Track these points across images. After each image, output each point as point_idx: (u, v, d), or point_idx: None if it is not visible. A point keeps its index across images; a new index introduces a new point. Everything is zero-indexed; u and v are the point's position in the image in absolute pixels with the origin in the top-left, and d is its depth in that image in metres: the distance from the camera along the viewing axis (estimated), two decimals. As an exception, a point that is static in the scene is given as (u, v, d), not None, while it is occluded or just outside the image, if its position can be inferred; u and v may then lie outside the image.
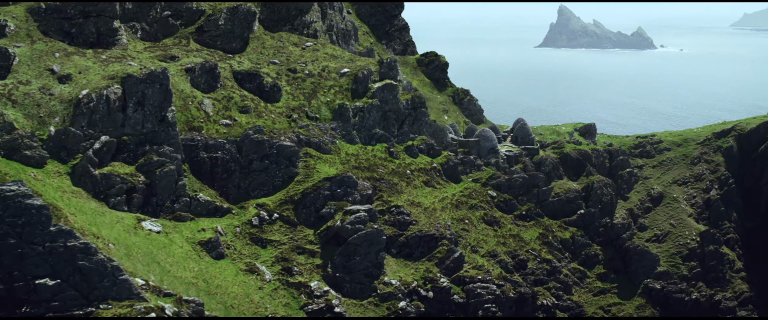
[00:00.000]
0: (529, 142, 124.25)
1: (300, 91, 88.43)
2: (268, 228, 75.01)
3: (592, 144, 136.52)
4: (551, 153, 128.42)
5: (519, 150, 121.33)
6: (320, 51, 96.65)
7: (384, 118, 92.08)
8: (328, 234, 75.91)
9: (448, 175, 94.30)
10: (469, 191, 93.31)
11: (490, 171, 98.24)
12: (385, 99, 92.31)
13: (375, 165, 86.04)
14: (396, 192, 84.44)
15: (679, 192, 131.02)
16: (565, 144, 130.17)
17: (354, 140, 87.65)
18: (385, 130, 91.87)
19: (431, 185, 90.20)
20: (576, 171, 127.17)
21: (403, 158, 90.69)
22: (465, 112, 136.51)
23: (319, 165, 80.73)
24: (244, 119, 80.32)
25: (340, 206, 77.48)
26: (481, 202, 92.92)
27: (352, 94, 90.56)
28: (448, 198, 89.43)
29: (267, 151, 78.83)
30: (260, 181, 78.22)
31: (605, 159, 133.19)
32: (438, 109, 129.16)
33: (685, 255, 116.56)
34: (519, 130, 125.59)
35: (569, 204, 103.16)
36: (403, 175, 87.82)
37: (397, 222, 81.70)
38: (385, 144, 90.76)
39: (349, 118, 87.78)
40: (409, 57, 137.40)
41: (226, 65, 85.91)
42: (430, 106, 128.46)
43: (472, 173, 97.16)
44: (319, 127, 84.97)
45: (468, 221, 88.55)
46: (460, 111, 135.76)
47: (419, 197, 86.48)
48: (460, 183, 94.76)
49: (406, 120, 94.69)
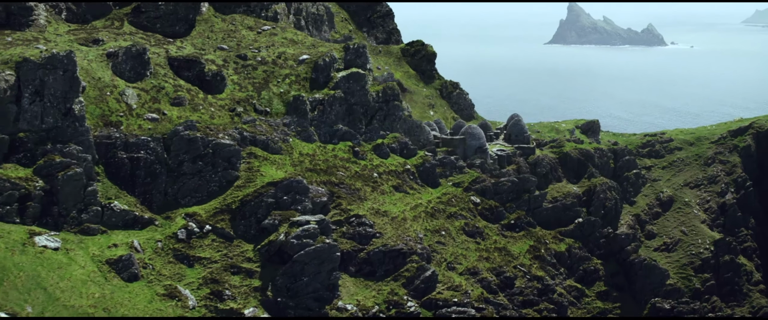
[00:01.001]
0: (524, 140, 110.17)
1: (249, 80, 75.00)
2: (198, 243, 61.70)
3: (595, 142, 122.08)
4: (549, 152, 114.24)
5: (512, 149, 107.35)
6: (278, 35, 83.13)
7: (349, 113, 78.52)
8: (271, 250, 62.59)
9: (424, 179, 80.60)
10: (449, 197, 79.55)
11: (474, 174, 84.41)
12: (351, 90, 78.72)
13: (334, 167, 72.50)
14: (358, 200, 70.85)
15: (691, 196, 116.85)
16: (565, 142, 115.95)
17: (311, 138, 74.13)
18: (350, 127, 78.29)
19: (402, 190, 76.53)
20: (576, 172, 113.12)
21: (370, 159, 77.08)
22: (454, 107, 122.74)
23: (264, 167, 67.33)
24: (176, 113, 67.03)
25: (287, 216, 64.07)
26: (461, 210, 79.13)
27: (311, 84, 77.06)
28: (421, 206, 75.74)
29: (201, 150, 65.53)
30: (192, 187, 64.93)
31: (609, 159, 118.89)
32: (423, 103, 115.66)
33: (697, 266, 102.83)
34: (513, 127, 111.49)
35: (566, 211, 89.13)
36: (368, 179, 74.22)
37: (357, 234, 68.14)
38: (350, 142, 77.23)
39: (306, 112, 74.31)
40: (393, 46, 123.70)
41: (160, 50, 72.64)
42: (414, 99, 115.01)
43: (452, 176, 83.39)
44: (268, 123, 71.54)
45: (445, 232, 74.81)
46: (448, 105, 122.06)
47: (387, 205, 72.84)
48: (438, 187, 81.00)
49: (376, 115, 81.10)
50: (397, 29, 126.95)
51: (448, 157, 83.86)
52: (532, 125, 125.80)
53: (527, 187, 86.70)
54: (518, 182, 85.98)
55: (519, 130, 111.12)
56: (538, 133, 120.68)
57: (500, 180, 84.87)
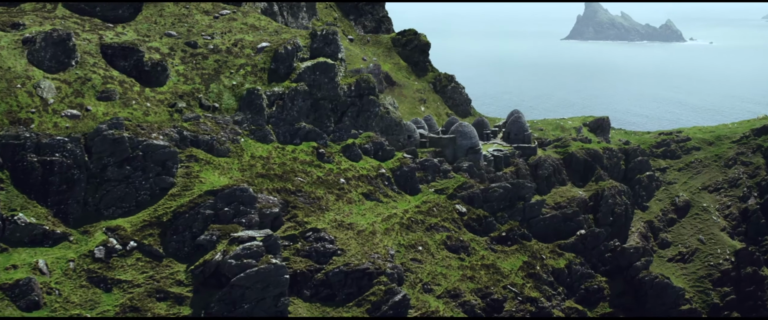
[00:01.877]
0: (525, 139, 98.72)
1: (197, 71, 64.42)
2: (119, 263, 51.32)
3: (605, 142, 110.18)
4: (553, 153, 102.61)
5: (511, 149, 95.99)
6: (238, 21, 72.37)
7: (315, 109, 67.74)
8: (205, 271, 52.10)
9: (401, 185, 69.63)
10: (429, 206, 68.48)
11: (461, 179, 73.20)
12: (318, 83, 67.87)
13: (292, 172, 61.72)
14: (318, 210, 60.00)
15: (710, 201, 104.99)
16: (571, 142, 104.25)
17: (267, 137, 63.44)
18: (316, 125, 67.51)
19: (374, 199, 65.61)
20: (583, 175, 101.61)
21: (337, 162, 66.22)
22: (448, 102, 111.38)
23: (205, 172, 56.74)
24: (103, 109, 56.61)
25: (227, 231, 53.38)
26: (444, 221, 68.03)
27: (270, 76, 66.35)
28: (396, 217, 64.77)
29: (129, 152, 55.11)
30: (117, 195, 54.53)
31: (620, 160, 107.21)
32: (413, 98, 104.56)
33: (716, 278, 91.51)
34: (512, 125, 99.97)
35: (566, 222, 77.61)
36: (333, 186, 63.36)
37: (314, 252, 57.39)
38: (314, 143, 66.42)
39: (262, 108, 63.62)
40: (382, 35, 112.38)
41: (93, 37, 62.20)
42: (403, 94, 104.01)
43: (435, 182, 72.28)
44: (215, 120, 60.93)
45: (422, 248, 63.77)
46: (441, 101, 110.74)
47: (353, 216, 61.94)
48: (417, 195, 69.91)
49: (347, 111, 70.21)
50: (388, 17, 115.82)
51: (431, 160, 72.69)
52: (535, 122, 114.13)
53: (522, 194, 75.24)
54: (511, 188, 74.57)
55: (519, 127, 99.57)
56: (542, 131, 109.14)
57: (490, 187, 73.49)
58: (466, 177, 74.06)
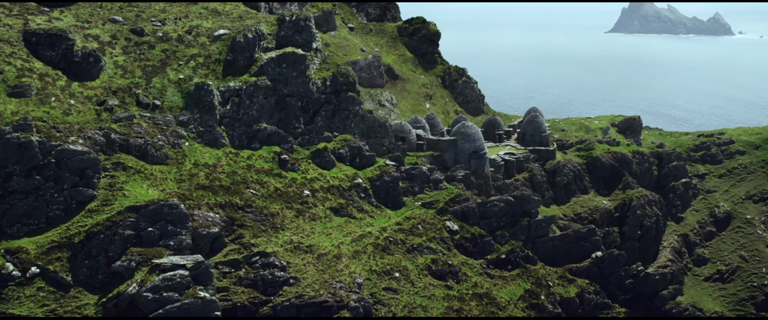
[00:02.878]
0: (542, 141, 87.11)
1: (140, 62, 54.65)
2: (15, 294, 42.18)
3: (635, 144, 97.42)
4: (574, 156, 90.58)
5: (525, 152, 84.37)
6: (197, 5, 62.25)
7: (280, 107, 57.40)
8: (119, 305, 42.48)
9: (381, 197, 58.88)
10: (413, 223, 57.57)
11: (454, 191, 61.94)
12: (284, 77, 57.55)
13: (244, 182, 51.54)
14: (270, 229, 49.73)
15: (755, 212, 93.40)
16: (596, 144, 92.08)
17: (218, 141, 53.40)
18: (281, 126, 57.24)
19: (345, 214, 55.01)
20: (608, 182, 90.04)
21: (304, 170, 55.79)
22: (458, 99, 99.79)
23: (132, 183, 46.97)
24: (12, 107, 47.32)
25: (149, 256, 43.52)
26: (430, 241, 57.04)
27: (226, 68, 56.22)
28: (370, 236, 54.09)
29: (40, 159, 45.54)
30: (23, 211, 45.22)
31: (652, 165, 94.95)
32: (418, 93, 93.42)
33: (760, 301, 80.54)
34: (528, 125, 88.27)
35: (580, 242, 65.70)
36: (294, 199, 52.98)
37: (260, 281, 47.19)
38: (277, 147, 56.06)
39: (213, 107, 53.57)
40: (388, 24, 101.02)
41: (16, 22, 52.87)
42: (407, 89, 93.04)
43: (423, 193, 61.23)
44: (154, 121, 51.07)
45: (400, 274, 52.95)
46: (450, 96, 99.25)
47: (316, 236, 51.49)
48: (400, 209, 59.00)
49: (321, 110, 59.63)
50: (395, 4, 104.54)
51: (419, 168, 61.59)
52: (557, 122, 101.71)
53: (527, 209, 63.54)
54: (514, 202, 62.86)
55: (535, 128, 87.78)
56: (563, 131, 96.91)
57: (489, 201, 61.97)
58: (460, 188, 62.82)
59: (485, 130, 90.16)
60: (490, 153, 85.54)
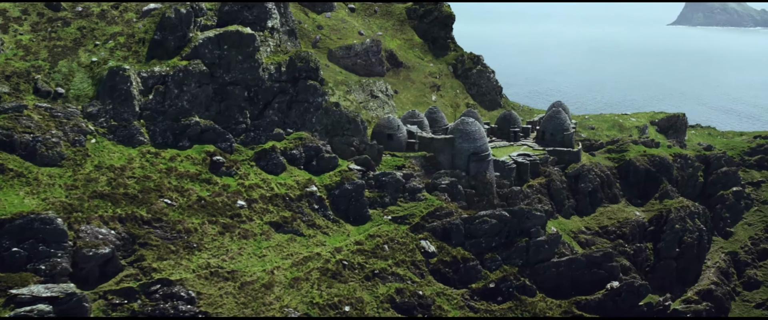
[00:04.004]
0: (564, 140, 74.90)
1: (48, 42, 45.19)
2: None
3: (678, 145, 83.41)
4: (603, 159, 77.76)
5: (543, 153, 72.14)
6: (137, -25, 52.37)
7: (221, 97, 47.20)
8: (-38, 348, 32.99)
9: (341, 210, 47.95)
10: (378, 242, 46.60)
11: (435, 203, 50.37)
12: (226, 61, 47.32)
13: (157, 190, 41.59)
14: (182, 250, 39.67)
15: (821, 229, 78.98)
16: (630, 145, 78.80)
17: (134, 138, 43.71)
18: (221, 120, 47.14)
19: (290, 230, 44.58)
20: (643, 190, 77.73)
21: (243, 175, 45.38)
22: (471, 90, 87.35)
23: (7, 190, 37.56)
24: None
25: (10, 283, 34.08)
26: (397, 265, 45.91)
27: (153, 50, 46.26)
28: (318, 259, 43.49)
29: None
30: None
31: (697, 171, 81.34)
32: (423, 83, 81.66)
33: None
34: (548, 122, 75.93)
35: (592, 269, 53.14)
36: (222, 211, 42.82)
37: (159, 314, 36.99)
38: (212, 146, 45.84)
39: (131, 96, 43.76)
40: (395, 5, 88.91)
41: None
42: (411, 78, 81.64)
43: (396, 205, 49.92)
44: (51, 113, 41.60)
45: (351, 308, 42.13)
46: (463, 87, 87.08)
47: (244, 258, 41.27)
48: (365, 224, 47.96)
49: (273, 101, 49.08)
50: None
51: (392, 175, 50.33)
52: (586, 118, 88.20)
53: (526, 227, 51.32)
54: (510, 218, 50.70)
55: (557, 125, 75.35)
56: (593, 130, 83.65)
57: (478, 216, 50.07)
58: (443, 199, 51.16)
59: (499, 127, 78.08)
60: (501, 153, 73.42)
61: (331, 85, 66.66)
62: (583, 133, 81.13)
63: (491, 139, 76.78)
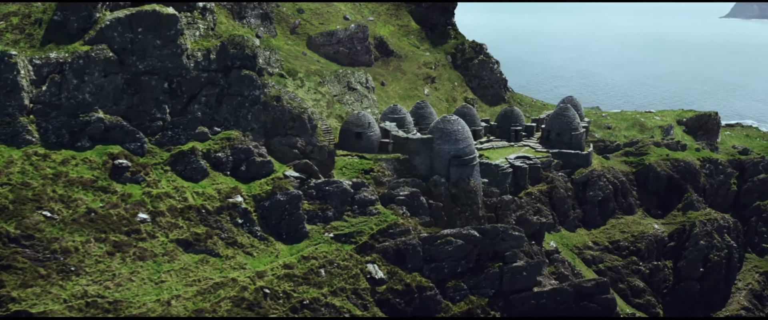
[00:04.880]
0: (573, 141, 65.83)
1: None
2: None
3: (708, 148, 72.89)
4: (618, 163, 68.21)
5: (546, 156, 63.28)
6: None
7: (134, 89, 40.03)
8: None
9: (271, 225, 40.28)
10: (313, 265, 38.98)
11: (389, 218, 42.11)
12: (140, 46, 40.07)
13: (36, 200, 34.82)
14: (56, 274, 33.01)
15: None
16: (650, 147, 68.96)
17: (20, 137, 37.31)
18: (133, 115, 40.05)
19: (202, 249, 37.47)
20: (664, 199, 68.65)
21: (152, 182, 38.25)
22: (472, 83, 78.08)
23: None
24: None
25: None
26: (334, 295, 38.14)
27: (50, 32, 39.31)
28: (233, 286, 36.03)
29: None
30: None
31: (730, 178, 71.32)
32: (416, 74, 72.86)
33: None
34: (554, 120, 66.90)
35: (582, 300, 44.03)
36: (117, 227, 35.89)
37: (9, 359, 30.17)
38: (118, 147, 38.74)
39: (19, 86, 37.26)
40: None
41: None
42: (402, 68, 73.10)
43: (341, 221, 41.91)
44: None
45: (267, 347, 34.31)
46: (462, 79, 77.93)
47: (135, 285, 34.13)
48: (301, 243, 40.16)
49: (200, 94, 41.59)
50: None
51: (338, 185, 42.17)
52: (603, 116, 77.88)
53: (500, 249, 42.59)
54: (480, 240, 42.07)
55: (563, 124, 66.30)
56: (609, 129, 73.82)
57: (441, 235, 41.62)
58: (399, 213, 42.84)
59: (499, 125, 69.19)
60: (497, 155, 64.57)
61: (302, 75, 58.89)
62: (598, 132, 71.58)
63: (488, 138, 67.94)
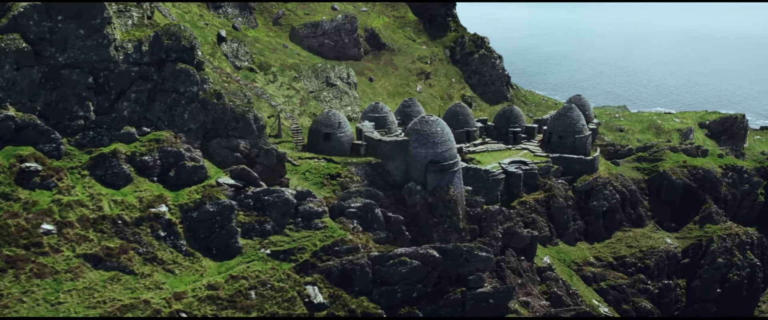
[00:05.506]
0: (576, 145, 59.72)
1: None
2: None
3: (733, 155, 65.78)
4: (629, 169, 61.92)
5: (545, 162, 57.58)
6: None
7: (52, 84, 36.17)
8: None
9: (200, 239, 35.93)
10: (243, 287, 34.50)
11: (337, 234, 37.16)
12: (61, 36, 36.22)
13: None
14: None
15: None
16: (666, 152, 62.48)
17: None
18: (51, 113, 36.08)
19: (114, 266, 33.27)
20: (679, 211, 62.07)
21: (65, 188, 34.36)
22: (471, 80, 71.92)
23: None
24: None
25: None
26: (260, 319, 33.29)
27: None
28: (143, 309, 31.56)
29: None
30: None
31: (757, 187, 64.26)
32: (409, 69, 67.17)
33: None
34: (556, 122, 61.01)
35: (556, 333, 38.42)
36: (14, 239, 31.73)
37: None
38: (30, 148, 34.81)
39: None
40: (389, -24, 75.01)
41: None
42: (395, 63, 67.62)
43: (281, 235, 37.14)
44: None
45: (176, 382, 29.89)
46: (461, 75, 71.89)
47: (28, 306, 30.23)
48: (232, 260, 35.61)
49: (129, 89, 37.37)
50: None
51: (278, 194, 37.32)
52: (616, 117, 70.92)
53: (462, 272, 37.20)
54: (440, 261, 36.76)
55: (566, 126, 60.54)
56: (621, 132, 67.14)
57: (393, 255, 36.46)
58: (349, 228, 37.81)
59: (496, 125, 63.44)
60: (490, 160, 58.89)
61: (276, 69, 54.32)
62: (608, 135, 65.10)
63: (483, 139, 62.27)
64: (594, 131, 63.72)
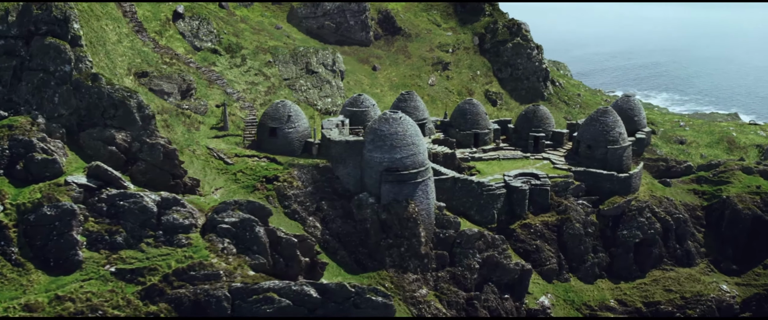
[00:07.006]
0: (610, 157, 47.69)
1: None
2: None
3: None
4: (685, 193, 48.79)
5: (563, 176, 46.85)
6: None
7: None
8: None
9: (36, 248, 30.24)
10: (67, 311, 28.09)
11: (198, 255, 29.78)
12: None
13: None
14: None
15: None
16: (735, 173, 48.93)
17: None
18: None
19: None
20: (745, 249, 47.90)
21: None
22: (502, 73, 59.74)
23: None
24: None
25: None
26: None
27: None
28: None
29: None
30: None
31: None
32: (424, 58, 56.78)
33: None
34: (587, 129, 49.09)
35: None
36: None
37: None
38: None
39: None
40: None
41: None
42: (408, 51, 57.89)
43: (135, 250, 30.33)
44: None
45: None
46: (489, 67, 60.18)
47: None
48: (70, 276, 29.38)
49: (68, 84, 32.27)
50: None
51: (139, 200, 30.57)
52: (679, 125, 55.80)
53: (352, 316, 28.26)
54: (320, 301, 28.20)
55: (597, 133, 48.98)
56: (681, 145, 53.11)
57: (260, 287, 28.44)
58: (218, 249, 30.14)
59: (516, 129, 52.45)
60: (494, 170, 48.32)
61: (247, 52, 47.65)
62: (663, 148, 51.81)
63: (497, 144, 51.70)
64: (642, 141, 51.02)
